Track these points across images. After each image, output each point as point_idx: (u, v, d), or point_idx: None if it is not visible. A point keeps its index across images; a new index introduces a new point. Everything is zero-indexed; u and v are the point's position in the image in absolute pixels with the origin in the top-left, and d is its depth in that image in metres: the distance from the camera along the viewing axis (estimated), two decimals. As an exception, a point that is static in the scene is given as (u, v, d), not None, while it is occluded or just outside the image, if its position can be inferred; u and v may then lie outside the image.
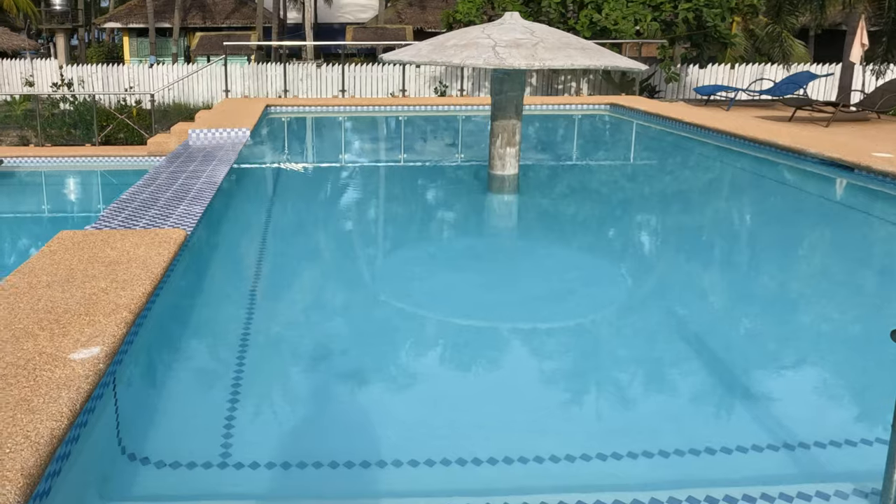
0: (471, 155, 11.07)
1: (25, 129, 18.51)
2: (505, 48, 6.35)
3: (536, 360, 4.41)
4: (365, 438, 3.52)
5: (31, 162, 12.08)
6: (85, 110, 17.19)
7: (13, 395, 2.92)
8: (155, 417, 3.75)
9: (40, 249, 4.74)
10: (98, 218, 5.76)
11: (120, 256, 4.55)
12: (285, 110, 12.29)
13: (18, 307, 3.79)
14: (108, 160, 12.05)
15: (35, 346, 3.36)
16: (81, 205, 11.06)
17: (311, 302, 5.24)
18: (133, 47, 24.70)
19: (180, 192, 6.52)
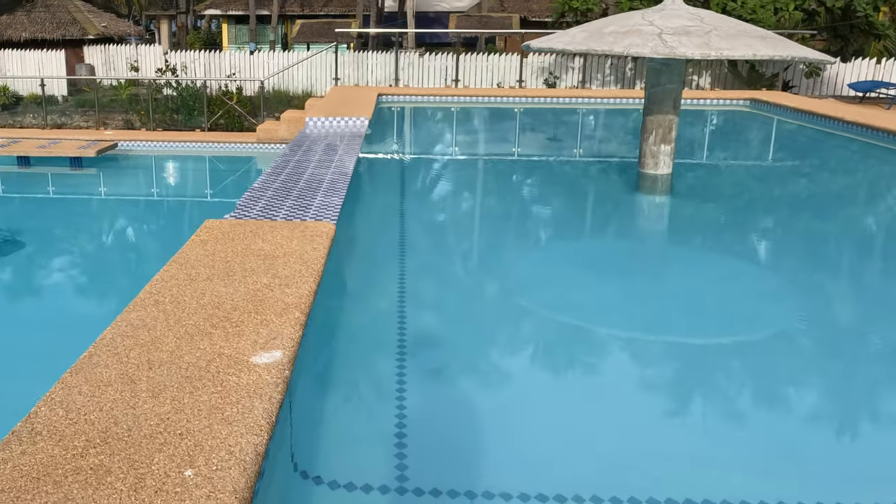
0: (608, 151, 10.66)
1: (130, 112, 19.35)
2: (673, 36, 5.90)
3: (688, 378, 4.02)
4: (530, 467, 3.28)
5: (144, 146, 12.55)
6: (188, 96, 17.78)
7: (203, 401, 2.78)
8: (323, 431, 3.57)
9: (190, 238, 4.69)
10: (235, 206, 5.72)
11: (274, 250, 4.44)
12: (398, 99, 12.22)
13: (184, 301, 3.70)
14: (217, 146, 12.36)
15: (211, 345, 3.23)
16: (197, 189, 11.35)
17: (461, 308, 5.00)
18: (231, 34, 25.56)
19: (313, 183, 6.43)
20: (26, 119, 20.82)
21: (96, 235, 9.53)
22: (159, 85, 18.45)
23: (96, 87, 18.63)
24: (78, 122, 20.30)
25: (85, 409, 2.73)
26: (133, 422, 2.64)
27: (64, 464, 2.41)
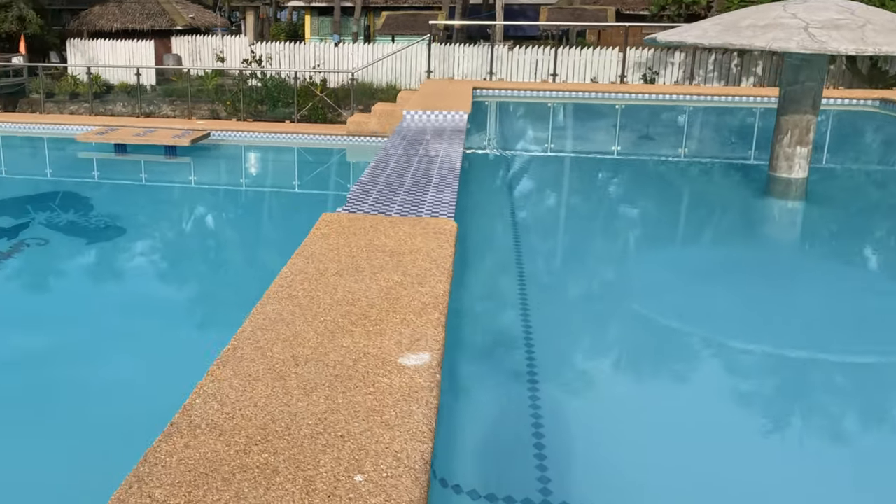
0: (726, 152, 10.27)
1: (216, 102, 19.99)
2: (822, 30, 5.56)
3: (826, 399, 3.75)
4: (668, 480, 3.13)
5: (235, 136, 12.92)
6: (273, 86, 18.22)
7: (358, 402, 2.74)
8: (459, 437, 3.51)
9: (311, 232, 4.72)
10: (346, 200, 5.75)
11: (399, 246, 4.41)
12: (493, 93, 12.14)
13: (317, 296, 3.71)
14: (307, 137, 12.60)
15: (354, 344, 3.21)
16: (290, 180, 11.58)
17: (588, 315, 4.87)
18: (313, 26, 26.15)
19: (421, 178, 6.41)
20: (116, 107, 21.85)
21: (196, 224, 9.86)
22: (245, 76, 18.98)
23: (188, 79, 19.34)
24: (166, 111, 21.15)
25: (239, 404, 2.74)
26: (290, 420, 2.63)
27: (229, 460, 2.42)
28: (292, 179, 11.79)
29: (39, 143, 15.32)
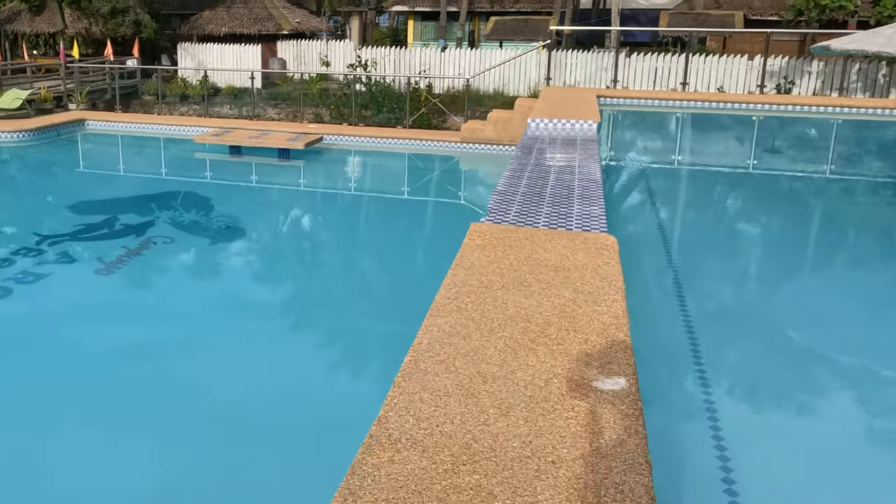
0: (881, 169, 9.71)
1: (320, 106, 20.60)
2: None
3: None
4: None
5: (347, 140, 13.25)
6: (378, 91, 18.60)
7: (560, 426, 2.68)
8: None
9: (464, 242, 4.72)
10: (487, 210, 5.74)
11: (561, 261, 4.34)
12: (618, 102, 11.94)
13: (487, 310, 3.68)
14: (419, 143, 12.77)
15: (539, 363, 3.15)
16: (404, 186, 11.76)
17: (764, 340, 4.64)
18: (416, 31, 26.67)
19: (562, 189, 6.33)
20: (223, 110, 22.92)
21: (316, 229, 10.16)
22: (349, 80, 19.48)
23: (303, 83, 20.01)
24: (271, 114, 22.01)
25: (434, 420, 2.73)
26: (493, 441, 2.60)
27: (439, 479, 2.41)
28: (407, 186, 11.96)
29: (156, 143, 16.27)
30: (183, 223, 9.86)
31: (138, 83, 23.94)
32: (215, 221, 10.00)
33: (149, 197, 11.39)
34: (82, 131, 16.49)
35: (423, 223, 9.94)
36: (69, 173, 13.65)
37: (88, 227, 9.61)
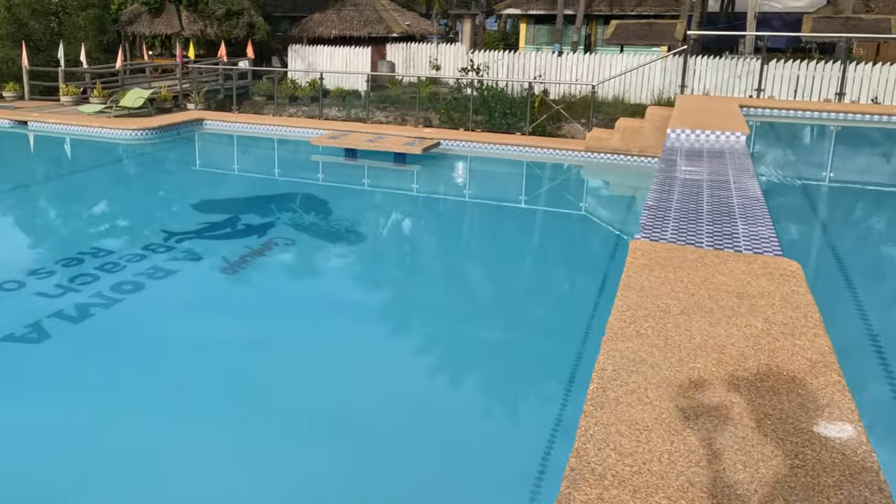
0: None
1: (430, 110, 20.82)
2: None
3: None
4: None
5: (464, 146, 13.28)
6: (490, 96, 18.58)
7: (786, 475, 2.48)
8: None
9: (628, 261, 4.55)
10: (641, 227, 5.53)
11: (744, 287, 4.10)
12: (763, 113, 11.40)
13: (670, 336, 3.50)
14: (539, 151, 12.64)
15: (745, 400, 2.95)
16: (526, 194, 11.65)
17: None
18: (529, 34, 26.63)
19: (720, 207, 6.04)
20: (331, 112, 23.57)
21: (440, 237, 10.21)
22: (461, 84, 19.57)
23: (416, 86, 20.28)
24: (379, 117, 22.45)
25: (639, 457, 2.59)
26: (713, 486, 2.43)
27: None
28: (529, 195, 11.86)
29: (272, 144, 16.91)
30: (303, 225, 10.13)
31: (249, 84, 24.95)
32: (335, 225, 10.22)
33: (268, 197, 11.79)
34: (200, 130, 17.35)
35: (549, 235, 9.82)
36: (190, 172, 14.35)
37: (212, 225, 10.03)
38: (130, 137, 15.54)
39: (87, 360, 6.25)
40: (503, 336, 6.69)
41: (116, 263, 8.40)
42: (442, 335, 6.84)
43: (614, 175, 11.89)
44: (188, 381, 5.88)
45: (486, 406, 5.64)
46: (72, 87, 20.25)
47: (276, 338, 6.68)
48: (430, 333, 6.94)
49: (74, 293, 7.49)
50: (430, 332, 6.97)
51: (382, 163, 12.84)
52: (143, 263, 8.39)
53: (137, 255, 8.69)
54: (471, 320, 7.08)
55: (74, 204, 11.99)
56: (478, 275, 8.60)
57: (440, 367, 6.23)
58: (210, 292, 7.97)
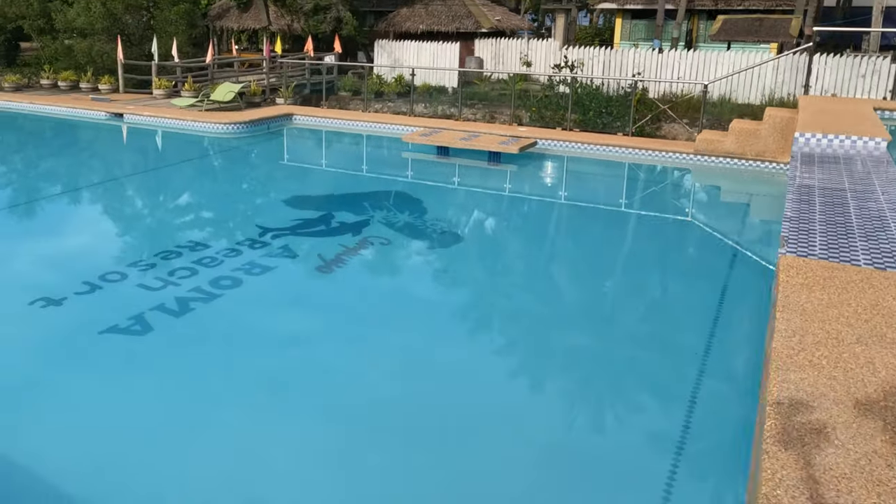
0: None
1: (520, 108, 20.57)
2: None
3: None
4: None
5: (561, 146, 13.00)
6: (585, 94, 18.19)
7: None
8: None
9: (782, 280, 4.22)
10: (783, 241, 5.17)
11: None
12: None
13: (850, 369, 3.19)
14: (643, 153, 12.24)
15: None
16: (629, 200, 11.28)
17: None
18: (625, 30, 26.07)
19: (871, 220, 5.60)
20: (417, 108, 23.63)
21: (539, 240, 9.99)
22: (553, 82, 19.24)
23: (509, 82, 20.09)
24: (466, 114, 22.35)
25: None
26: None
27: None
28: (632, 199, 11.49)
29: (361, 140, 17.05)
30: (397, 224, 10.08)
31: (334, 79, 25.30)
32: (431, 225, 10.14)
33: (361, 195, 11.83)
34: (290, 125, 17.65)
35: (661, 243, 9.45)
36: (282, 166, 14.59)
37: (306, 222, 10.11)
38: (222, 131, 15.92)
39: (188, 352, 6.33)
40: (611, 349, 6.42)
41: (214, 258, 8.53)
42: (539, 344, 6.63)
43: (728, 180, 11.36)
44: (285, 378, 5.88)
45: (596, 423, 5.39)
46: (164, 81, 20.99)
47: (373, 337, 6.61)
48: (526, 342, 6.73)
49: (174, 286, 7.62)
50: (526, 340, 6.77)
51: (476, 161, 12.70)
52: (239, 259, 8.49)
53: (234, 251, 8.81)
54: (573, 329, 6.85)
55: (170, 197, 12.34)
56: (581, 283, 8.33)
57: (537, 378, 6.02)
58: (306, 290, 7.99)
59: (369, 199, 11.51)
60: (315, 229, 9.88)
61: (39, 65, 24.46)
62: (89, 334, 6.52)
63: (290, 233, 9.58)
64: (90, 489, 4.53)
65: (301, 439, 5.06)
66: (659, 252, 9.45)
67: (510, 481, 4.56)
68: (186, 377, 5.91)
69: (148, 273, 8.01)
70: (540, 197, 11.73)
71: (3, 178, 13.56)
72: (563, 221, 10.83)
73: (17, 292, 7.46)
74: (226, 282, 7.80)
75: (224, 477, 4.65)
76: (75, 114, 18.41)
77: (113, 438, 5.03)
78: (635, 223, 10.60)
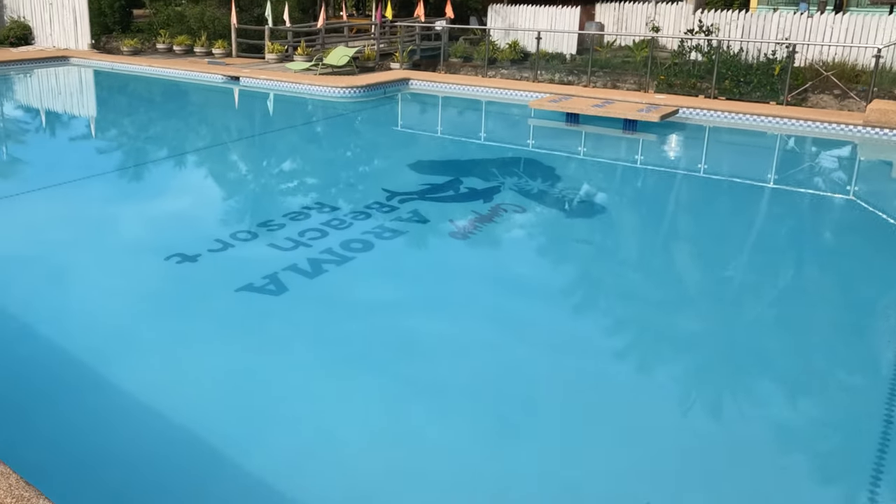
0: None
1: (644, 76, 19.76)
2: None
3: None
4: None
5: (703, 115, 12.30)
6: (721, 62, 17.23)
7: None
8: None
9: None
10: None
11: None
12: None
13: None
14: (801, 124, 11.41)
15: None
16: (793, 175, 10.53)
17: None
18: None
19: None
20: (533, 75, 23.09)
21: (686, 214, 9.48)
22: (686, 49, 18.36)
23: (637, 49, 19.37)
24: (585, 82, 21.67)
25: None
26: None
27: None
28: (789, 175, 10.67)
29: (480, 106, 16.76)
30: (531, 192, 9.75)
31: (445, 45, 25.08)
32: (567, 194, 9.76)
33: (487, 161, 11.56)
34: (406, 90, 17.55)
35: (817, 222, 8.74)
36: (402, 131, 14.50)
37: (433, 187, 9.91)
38: (340, 95, 15.97)
39: (322, 314, 6.26)
40: (775, 345, 5.90)
41: (342, 220, 8.46)
42: (686, 334, 6.16)
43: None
44: (424, 346, 5.68)
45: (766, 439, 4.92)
46: (277, 45, 21.30)
47: (515, 307, 6.33)
48: (671, 330, 6.27)
49: (305, 248, 7.58)
50: (670, 327, 6.31)
51: (609, 130, 12.17)
52: (368, 222, 8.39)
53: (362, 213, 8.72)
54: (726, 321, 6.35)
55: (293, 158, 12.43)
56: (737, 265, 7.77)
57: (684, 372, 5.57)
58: (440, 256, 7.80)
59: (497, 165, 11.21)
60: (443, 194, 9.68)
61: (152, 31, 25.35)
62: (226, 290, 6.54)
63: (417, 197, 9.41)
64: (231, 435, 4.49)
65: (447, 414, 4.86)
66: (817, 233, 8.73)
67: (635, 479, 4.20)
68: (322, 339, 5.83)
69: (278, 233, 8.01)
70: (684, 169, 11.10)
71: (139, 135, 14.08)
72: (713, 196, 10.20)
73: (154, 248, 7.60)
74: (356, 245, 7.70)
75: (370, 446, 4.51)
76: (193, 77, 18.94)
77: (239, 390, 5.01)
78: (794, 200, 9.87)
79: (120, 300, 6.43)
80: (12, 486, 2.89)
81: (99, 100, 18.79)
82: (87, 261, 7.43)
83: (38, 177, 10.56)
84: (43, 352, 5.48)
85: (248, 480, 4.14)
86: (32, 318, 6.00)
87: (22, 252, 7.58)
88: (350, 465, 4.32)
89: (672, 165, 11.36)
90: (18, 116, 15.45)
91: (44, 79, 20.42)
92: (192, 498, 4.04)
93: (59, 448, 4.39)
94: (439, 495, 4.10)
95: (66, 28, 24.93)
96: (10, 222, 8.55)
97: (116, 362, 5.35)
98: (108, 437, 4.51)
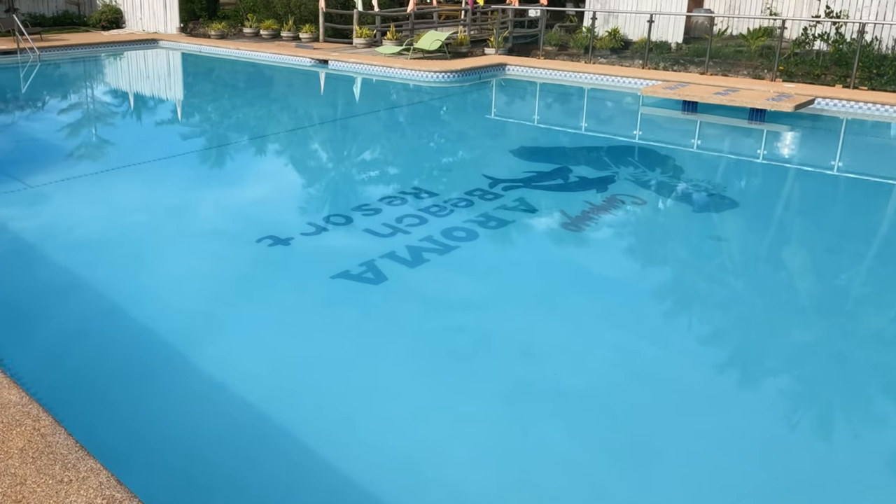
0: None
1: (759, 67, 18.73)
2: None
3: None
4: None
5: (839, 106, 11.34)
6: (850, 52, 16.08)
7: None
8: None
9: None
10: None
11: None
12: None
13: None
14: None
15: None
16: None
17: None
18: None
19: None
20: (635, 64, 22.22)
21: (828, 216, 8.64)
22: (810, 37, 17.26)
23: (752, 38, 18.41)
24: (693, 72, 20.67)
25: None
26: None
27: None
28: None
29: (583, 93, 16.11)
30: (649, 183, 9.08)
31: (539, 32, 24.43)
32: (690, 186, 9.05)
33: (598, 149, 10.93)
34: (503, 76, 17.04)
35: None
36: (501, 117, 14.00)
37: (539, 175, 9.36)
38: (433, 79, 15.59)
39: (422, 308, 5.81)
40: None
41: (442, 207, 8.02)
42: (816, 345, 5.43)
43: None
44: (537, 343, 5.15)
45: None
46: (365, 30, 21.12)
47: (636, 305, 5.74)
48: (805, 335, 5.55)
49: (404, 234, 7.17)
50: (805, 333, 5.58)
51: (732, 120, 11.33)
52: (471, 210, 7.92)
53: (463, 200, 8.26)
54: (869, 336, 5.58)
55: (388, 142, 12.08)
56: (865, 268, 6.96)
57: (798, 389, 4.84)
58: (553, 248, 7.24)
59: (609, 154, 10.55)
60: (551, 182, 9.11)
61: (238, 17, 25.64)
62: (320, 277, 6.18)
63: (523, 185, 8.88)
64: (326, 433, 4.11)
65: (550, 418, 4.32)
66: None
67: None
68: (424, 334, 5.41)
69: (374, 218, 7.62)
70: (821, 167, 10.19)
71: (230, 115, 14.07)
72: (864, 198, 9.30)
73: (244, 229, 7.33)
74: (459, 233, 7.24)
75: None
76: (282, 60, 18.93)
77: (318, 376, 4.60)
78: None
79: (208, 282, 6.14)
80: (102, 484, 2.52)
81: (187, 82, 18.97)
82: (177, 241, 7.22)
83: (126, 155, 10.50)
84: (128, 333, 5.23)
85: (341, 483, 3.73)
86: (119, 297, 5.77)
87: (109, 233, 7.43)
88: (456, 479, 3.84)
89: (807, 161, 10.46)
90: (108, 98, 15.66)
91: (133, 61, 20.81)
92: (279, 499, 3.66)
93: (139, 437, 4.08)
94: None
95: (155, 13, 25.47)
96: (99, 201, 8.45)
97: (202, 346, 5.05)
98: (191, 427, 4.18)
